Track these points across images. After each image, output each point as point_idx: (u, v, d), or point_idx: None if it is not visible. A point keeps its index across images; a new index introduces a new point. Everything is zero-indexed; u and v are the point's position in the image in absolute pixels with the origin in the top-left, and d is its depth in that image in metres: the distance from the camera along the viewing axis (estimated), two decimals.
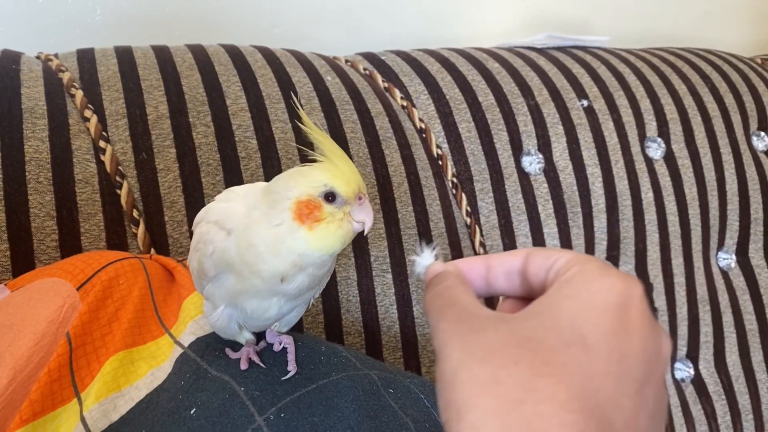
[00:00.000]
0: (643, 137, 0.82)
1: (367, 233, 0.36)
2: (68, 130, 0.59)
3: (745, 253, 0.87)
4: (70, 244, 0.55)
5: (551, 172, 0.76)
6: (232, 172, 0.61)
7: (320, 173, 0.35)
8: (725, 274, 0.86)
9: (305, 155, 0.37)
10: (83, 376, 0.41)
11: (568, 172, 0.77)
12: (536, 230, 0.74)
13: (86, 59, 0.65)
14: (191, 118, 0.62)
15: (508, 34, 1.03)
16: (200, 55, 0.67)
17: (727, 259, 0.86)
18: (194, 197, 0.60)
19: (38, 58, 0.66)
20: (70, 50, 0.68)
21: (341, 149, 0.36)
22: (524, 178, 0.75)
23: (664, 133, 0.83)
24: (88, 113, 0.60)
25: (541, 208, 0.75)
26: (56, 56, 0.66)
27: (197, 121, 0.62)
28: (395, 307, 0.63)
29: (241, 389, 0.37)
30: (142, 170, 0.59)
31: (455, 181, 0.73)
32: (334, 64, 0.74)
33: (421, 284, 0.64)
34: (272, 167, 0.62)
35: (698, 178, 0.83)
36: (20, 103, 0.58)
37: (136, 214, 0.58)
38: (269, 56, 0.70)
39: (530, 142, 0.76)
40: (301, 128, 0.36)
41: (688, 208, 0.82)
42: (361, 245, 0.63)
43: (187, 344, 0.42)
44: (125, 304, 0.45)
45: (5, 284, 0.46)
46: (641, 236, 0.79)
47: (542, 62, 0.83)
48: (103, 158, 0.58)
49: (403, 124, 0.72)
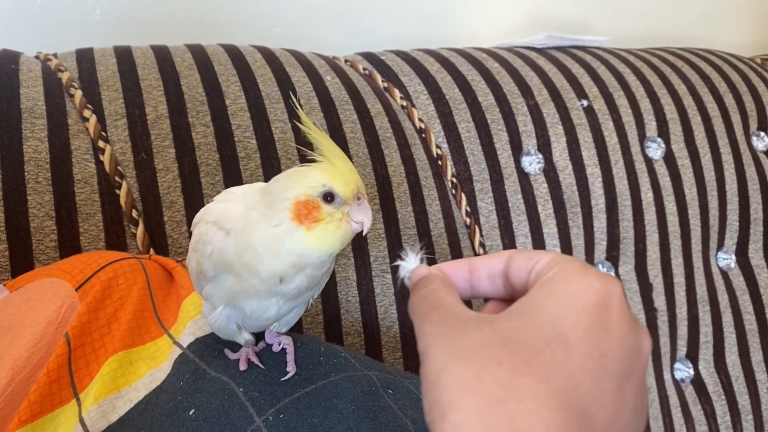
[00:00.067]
0: (642, 137, 0.82)
1: (366, 233, 0.36)
2: (67, 130, 0.59)
3: (744, 253, 0.87)
4: (69, 244, 0.55)
5: (551, 172, 0.76)
6: (231, 172, 0.61)
7: (319, 173, 0.35)
8: (725, 274, 0.86)
9: (304, 155, 0.36)
10: (82, 376, 0.41)
11: (567, 172, 0.76)
12: (536, 230, 0.74)
13: (85, 59, 0.65)
14: (190, 118, 0.62)
15: (507, 34, 1.03)
16: (199, 55, 0.67)
17: (726, 259, 0.86)
18: (193, 197, 0.59)
19: (37, 57, 0.66)
20: (69, 50, 0.68)
21: (340, 149, 0.36)
22: (524, 178, 0.75)
23: (663, 133, 0.83)
24: (87, 113, 0.60)
25: (540, 208, 0.75)
26: (55, 56, 0.66)
27: (196, 121, 0.62)
28: (395, 307, 0.63)
29: (240, 390, 0.37)
30: (141, 170, 0.59)
31: (455, 181, 0.73)
32: (333, 64, 0.74)
33: None
34: (271, 167, 0.62)
35: (698, 178, 0.83)
36: (19, 102, 0.58)
37: (135, 214, 0.58)
38: (269, 56, 0.70)
39: (530, 142, 0.76)
40: (300, 128, 0.36)
41: (687, 208, 0.82)
42: (360, 245, 0.62)
43: (186, 345, 0.42)
44: (124, 304, 0.45)
45: (4, 284, 0.46)
46: (641, 236, 0.79)
47: (542, 62, 0.83)
48: (102, 158, 0.58)
49: (402, 124, 0.72)
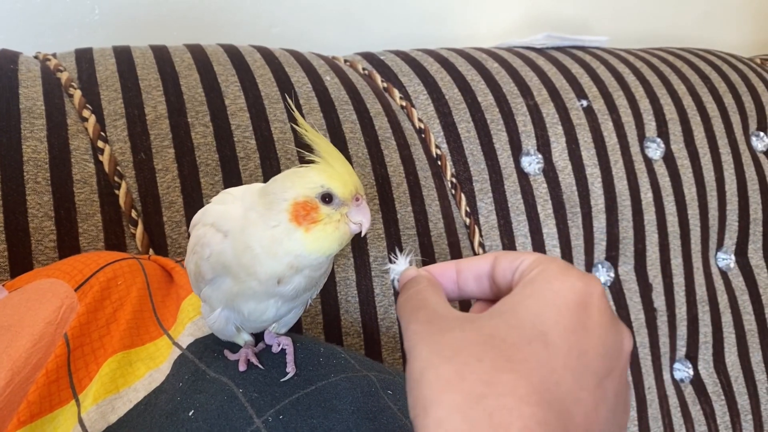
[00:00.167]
0: (642, 137, 0.82)
1: (364, 234, 0.36)
2: (66, 130, 0.59)
3: (744, 253, 0.87)
4: (68, 244, 0.55)
5: (550, 172, 0.76)
6: (230, 172, 0.61)
7: (317, 174, 0.34)
8: (724, 274, 0.86)
9: (303, 156, 0.36)
10: (81, 377, 0.41)
11: (567, 172, 0.76)
12: (535, 230, 0.74)
13: (84, 59, 0.65)
14: (190, 118, 0.62)
15: (507, 34, 1.03)
16: (199, 55, 0.67)
17: (726, 259, 0.86)
18: (193, 197, 0.59)
19: (36, 57, 0.66)
20: (68, 50, 0.68)
21: (337, 150, 0.35)
22: (523, 178, 0.75)
23: (663, 133, 0.83)
24: (86, 113, 0.60)
25: (540, 208, 0.75)
26: (54, 56, 0.66)
27: (196, 121, 0.62)
28: (394, 307, 0.63)
29: (239, 391, 0.37)
30: (140, 170, 0.59)
31: (454, 181, 0.73)
32: (333, 64, 0.74)
33: None
34: (271, 167, 0.62)
35: (697, 178, 0.83)
36: (18, 102, 0.58)
37: (134, 214, 0.58)
38: (268, 56, 0.70)
39: (529, 142, 0.76)
40: (297, 130, 0.35)
41: (687, 208, 0.82)
42: (360, 246, 0.62)
43: (185, 346, 0.42)
44: (123, 305, 0.45)
45: (3, 285, 0.46)
46: (640, 236, 0.79)
47: (541, 62, 0.83)
48: (101, 158, 0.58)
49: (402, 124, 0.71)
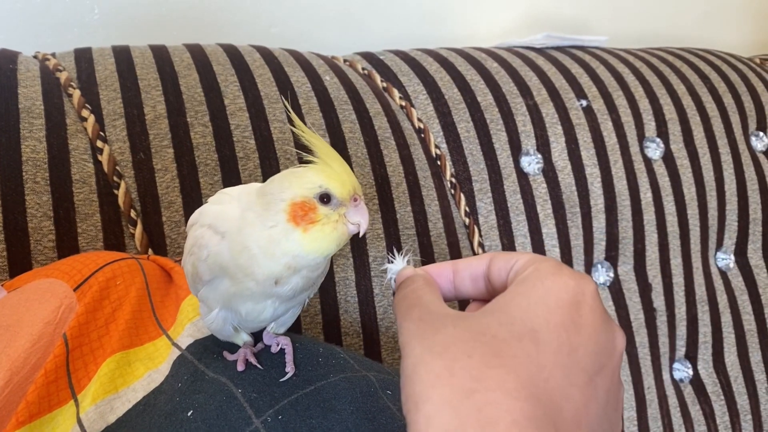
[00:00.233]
0: (641, 137, 0.82)
1: (362, 235, 0.36)
2: (65, 129, 0.58)
3: (743, 253, 0.87)
4: (67, 244, 0.55)
5: (550, 172, 0.76)
6: (230, 172, 0.61)
7: (315, 174, 0.34)
8: (724, 274, 0.86)
9: (302, 157, 0.36)
10: (80, 377, 0.41)
11: (566, 172, 0.76)
12: (535, 230, 0.74)
13: (84, 59, 0.65)
14: (189, 117, 0.62)
15: (506, 33, 1.03)
16: (198, 54, 0.67)
17: (725, 259, 0.86)
18: (192, 197, 0.59)
19: (35, 57, 0.66)
20: (67, 50, 0.68)
21: (335, 151, 0.35)
22: (523, 178, 0.75)
23: (662, 133, 0.83)
24: (85, 113, 0.60)
25: (539, 208, 0.75)
26: (53, 56, 0.66)
27: (195, 120, 0.62)
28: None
29: (238, 391, 0.37)
30: (139, 170, 0.59)
31: (454, 181, 0.73)
32: (332, 63, 0.74)
33: None
34: (270, 167, 0.62)
35: (697, 178, 0.83)
36: (17, 102, 0.58)
37: (133, 214, 0.58)
38: (267, 56, 0.70)
39: (529, 142, 0.76)
40: (294, 132, 0.35)
41: (686, 208, 0.82)
42: (359, 246, 0.62)
43: (184, 347, 0.42)
44: (122, 305, 0.45)
45: (2, 285, 0.45)
46: (640, 236, 0.79)
47: (541, 62, 0.83)
48: (100, 158, 0.58)
49: (401, 124, 0.71)
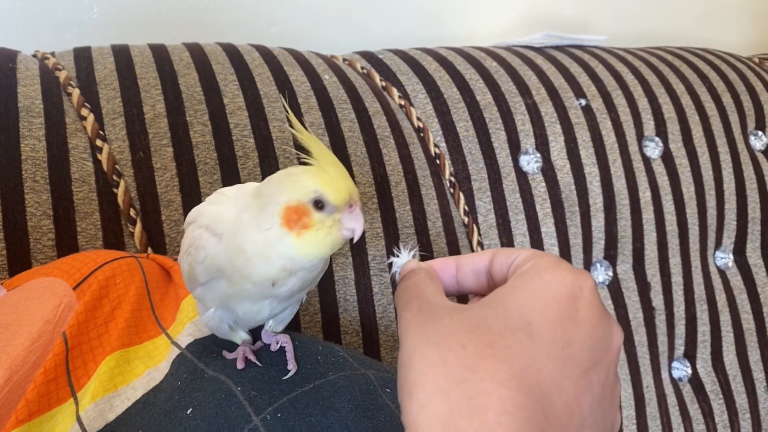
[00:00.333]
0: (640, 136, 0.82)
1: (356, 241, 0.36)
2: (65, 128, 0.59)
3: (742, 252, 0.87)
4: (66, 243, 0.55)
5: (549, 171, 0.76)
6: (229, 171, 0.61)
7: (310, 179, 0.34)
8: (723, 273, 0.86)
9: (301, 158, 0.36)
10: (79, 375, 0.41)
11: (565, 171, 0.77)
12: (534, 229, 0.74)
13: (83, 58, 0.65)
14: (188, 116, 0.62)
15: (506, 33, 1.03)
16: (197, 53, 0.67)
17: (724, 258, 0.86)
18: (191, 196, 0.59)
19: (35, 56, 0.66)
20: (66, 49, 0.68)
21: (333, 154, 0.35)
22: (522, 177, 0.75)
23: (661, 132, 0.83)
24: (84, 112, 0.60)
25: (538, 207, 0.75)
26: (53, 55, 0.66)
27: (194, 119, 0.62)
28: (393, 306, 0.63)
29: (237, 389, 0.37)
30: (139, 169, 0.59)
31: (453, 180, 0.73)
32: (331, 62, 0.74)
33: None
34: (269, 166, 0.62)
35: (696, 177, 0.83)
36: (17, 101, 0.58)
37: (133, 213, 0.58)
38: (267, 55, 0.70)
39: (528, 141, 0.76)
40: (292, 133, 0.35)
41: (685, 207, 0.82)
42: (358, 244, 0.62)
43: (184, 345, 0.42)
44: (122, 303, 0.45)
45: (1, 283, 0.46)
46: (639, 235, 0.79)
47: (540, 61, 0.83)
48: (99, 157, 0.58)
49: (400, 123, 0.71)
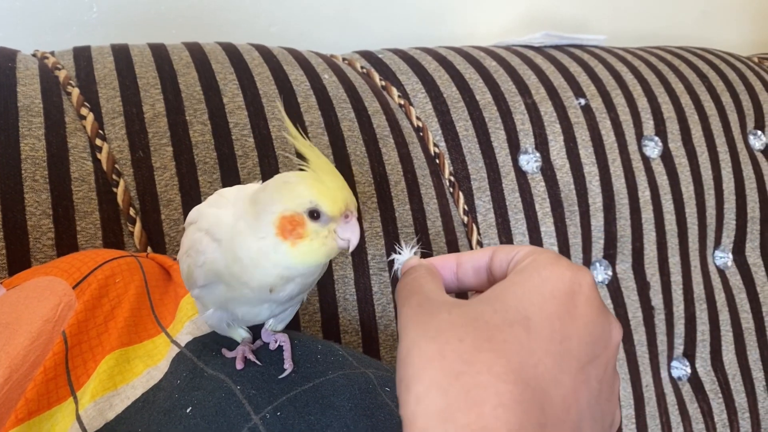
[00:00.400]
0: (640, 136, 0.82)
1: (351, 252, 0.36)
2: (64, 128, 0.59)
3: (741, 251, 0.87)
4: (66, 242, 0.55)
5: (548, 170, 0.76)
6: (228, 170, 0.61)
7: (306, 189, 0.33)
8: (722, 272, 0.86)
9: (300, 165, 0.36)
10: (79, 374, 0.41)
11: (565, 170, 0.77)
12: (533, 229, 0.74)
13: (82, 57, 0.65)
14: (188, 116, 0.62)
15: (505, 32, 1.03)
16: (197, 53, 0.67)
17: (723, 257, 0.86)
18: (191, 196, 0.59)
19: (34, 56, 0.66)
20: (66, 48, 0.68)
21: (330, 163, 0.34)
22: (521, 176, 0.75)
23: (661, 131, 0.83)
24: (84, 111, 0.60)
25: (538, 206, 0.75)
26: (52, 54, 0.66)
27: (194, 119, 0.62)
28: (392, 305, 0.63)
29: (237, 388, 0.37)
30: (138, 168, 0.59)
31: (452, 179, 0.73)
32: (331, 62, 0.74)
33: None
34: (269, 165, 0.62)
35: (695, 176, 0.83)
36: (16, 101, 0.58)
37: (132, 212, 0.58)
38: (266, 54, 0.70)
39: (527, 140, 0.76)
40: (289, 140, 0.34)
41: (685, 206, 0.82)
42: (358, 244, 0.62)
43: (183, 344, 0.42)
44: (121, 302, 0.45)
45: (1, 283, 0.46)
46: (638, 235, 0.80)
47: (539, 61, 0.83)
48: (99, 156, 0.58)
49: (400, 122, 0.72)
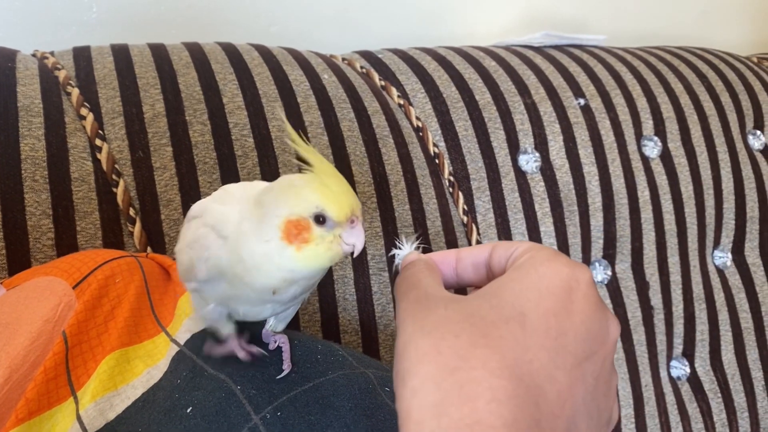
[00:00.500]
0: (639, 136, 0.82)
1: (356, 256, 0.36)
2: (64, 128, 0.59)
3: (740, 251, 0.87)
4: (66, 242, 0.55)
5: (548, 170, 0.76)
6: (228, 170, 0.61)
7: (312, 193, 0.33)
8: (721, 272, 0.86)
9: (301, 168, 0.36)
10: (79, 374, 0.41)
11: (564, 170, 0.77)
12: (533, 229, 0.74)
13: (82, 57, 0.65)
14: (188, 116, 0.62)
15: (505, 32, 1.03)
16: (197, 53, 0.67)
17: (723, 257, 0.86)
18: (191, 196, 0.59)
19: (34, 56, 0.66)
20: (66, 48, 0.68)
21: (334, 168, 0.34)
22: (521, 176, 0.75)
23: (660, 131, 0.83)
24: (84, 111, 0.60)
25: (537, 206, 0.75)
26: (52, 54, 0.66)
27: (194, 119, 0.62)
28: (392, 305, 0.63)
29: (237, 388, 0.37)
30: (138, 168, 0.59)
31: (452, 179, 0.73)
32: (331, 62, 0.74)
33: None
34: (269, 166, 0.62)
35: (694, 176, 0.83)
36: (16, 101, 0.58)
37: (132, 212, 0.58)
38: (266, 54, 0.70)
39: (527, 140, 0.76)
40: (291, 145, 0.34)
41: (684, 206, 0.82)
42: None
43: (183, 342, 0.42)
44: (121, 302, 0.45)
45: (1, 283, 0.46)
46: (637, 235, 0.80)
47: (539, 61, 0.83)
48: (99, 156, 0.58)
49: (399, 122, 0.72)
